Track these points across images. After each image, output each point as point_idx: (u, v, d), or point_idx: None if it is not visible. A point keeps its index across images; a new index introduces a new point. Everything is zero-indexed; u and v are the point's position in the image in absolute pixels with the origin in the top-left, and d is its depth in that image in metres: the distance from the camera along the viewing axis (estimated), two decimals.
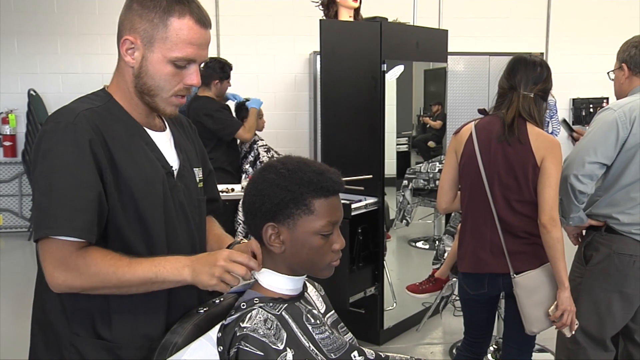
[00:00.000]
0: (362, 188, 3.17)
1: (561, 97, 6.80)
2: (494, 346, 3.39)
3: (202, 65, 1.41)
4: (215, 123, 3.88)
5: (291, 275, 1.33)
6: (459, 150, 2.34)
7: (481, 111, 2.39)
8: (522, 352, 2.39)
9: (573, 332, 2.24)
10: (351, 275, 3.27)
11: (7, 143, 6.44)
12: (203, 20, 1.34)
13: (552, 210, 2.16)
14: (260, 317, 1.23)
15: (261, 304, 1.27)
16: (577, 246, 2.59)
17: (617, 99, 2.50)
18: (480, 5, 6.86)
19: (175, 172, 1.42)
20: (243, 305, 1.27)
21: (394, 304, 3.78)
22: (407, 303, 3.76)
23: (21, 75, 6.45)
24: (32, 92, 6.29)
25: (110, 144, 1.29)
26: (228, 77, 4.16)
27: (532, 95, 2.23)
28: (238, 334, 1.21)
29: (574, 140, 2.83)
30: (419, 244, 5.05)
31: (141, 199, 1.31)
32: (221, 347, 1.21)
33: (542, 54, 6.71)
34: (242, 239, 1.59)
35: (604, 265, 2.39)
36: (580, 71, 6.65)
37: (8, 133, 6.43)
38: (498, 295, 2.48)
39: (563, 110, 6.48)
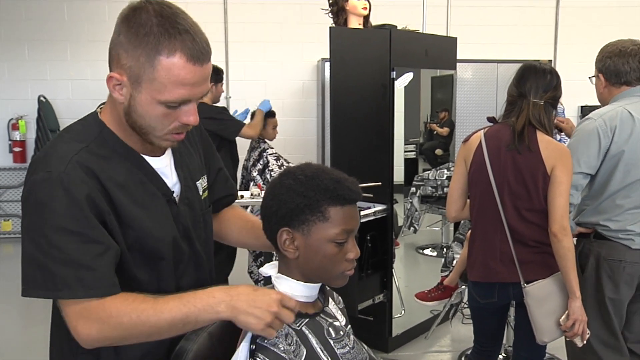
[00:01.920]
0: (371, 195, 3.17)
1: (569, 105, 6.77)
2: (503, 354, 3.38)
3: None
4: (218, 124, 3.92)
5: (305, 282, 1.34)
6: (468, 159, 2.33)
7: (490, 119, 2.38)
8: None
9: (584, 342, 2.23)
10: (360, 282, 3.28)
11: (17, 149, 6.48)
12: (197, 56, 1.16)
13: (563, 219, 2.14)
14: (282, 332, 1.23)
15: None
16: None
17: (601, 105, 2.50)
18: (488, 13, 6.86)
19: (177, 198, 1.35)
20: None
21: (402, 312, 3.77)
22: (415, 310, 3.75)
23: (31, 81, 6.50)
24: (42, 98, 6.34)
25: (108, 187, 1.20)
26: (221, 80, 4.23)
27: (542, 103, 2.22)
28: (258, 341, 1.21)
29: None
30: (427, 251, 5.04)
31: (145, 237, 1.25)
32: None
33: (550, 61, 6.71)
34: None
35: (595, 273, 2.39)
36: (588, 79, 6.66)
37: (18, 139, 6.47)
38: (508, 304, 2.47)
39: (571, 118, 6.44)
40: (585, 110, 6.76)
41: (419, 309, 3.75)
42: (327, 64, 6.05)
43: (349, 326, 1.45)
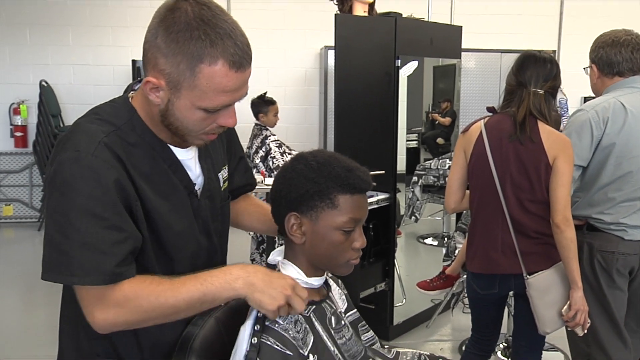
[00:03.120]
0: (374, 184, 3.16)
1: (573, 96, 6.77)
2: (504, 344, 3.40)
3: None
4: None
5: (310, 271, 1.34)
6: (468, 149, 2.31)
7: (490, 109, 2.35)
8: (532, 351, 2.39)
9: (585, 331, 2.24)
10: (362, 270, 3.28)
11: (18, 134, 6.46)
12: (239, 62, 1.13)
13: (566, 210, 2.15)
14: (292, 319, 1.23)
15: None
16: None
17: (595, 95, 2.49)
18: (492, 2, 6.82)
19: (199, 192, 1.34)
20: None
21: (404, 300, 3.79)
22: (416, 299, 3.76)
23: (33, 66, 6.47)
24: (43, 83, 6.32)
25: (134, 175, 1.18)
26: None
27: (542, 93, 2.19)
28: (267, 325, 1.21)
29: None
30: (428, 241, 5.05)
31: (165, 229, 1.25)
32: (255, 339, 1.21)
33: (554, 51, 6.69)
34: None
35: (589, 265, 2.39)
36: (583, 69, 6.63)
37: (19, 124, 6.45)
38: (507, 294, 2.48)
39: (574, 109, 6.44)
40: (588, 101, 6.75)
41: (420, 298, 3.76)
42: (330, 52, 6.05)
43: (354, 310, 1.46)
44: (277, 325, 1.21)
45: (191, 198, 1.32)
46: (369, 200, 3.28)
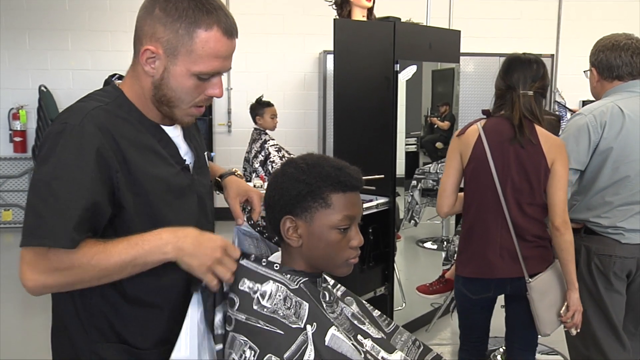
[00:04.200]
0: (373, 188, 3.17)
1: (571, 99, 6.79)
2: (503, 347, 3.39)
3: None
4: None
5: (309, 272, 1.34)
6: (465, 153, 2.29)
7: (485, 112, 2.34)
8: (527, 353, 2.39)
9: (578, 330, 2.26)
10: (361, 274, 3.28)
11: (17, 139, 6.47)
12: (231, 31, 1.25)
13: (564, 213, 2.17)
14: (279, 296, 1.24)
15: (279, 274, 1.28)
16: None
17: (594, 99, 2.49)
18: (491, 6, 6.85)
19: (190, 166, 1.37)
20: (263, 262, 1.29)
21: (403, 304, 3.78)
22: (416, 303, 3.76)
23: (32, 71, 6.48)
24: (42, 88, 6.33)
25: (122, 145, 1.22)
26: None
27: (531, 94, 2.21)
28: (255, 308, 1.23)
29: None
30: (427, 245, 5.04)
31: (156, 199, 1.26)
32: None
33: (552, 55, 6.70)
34: (236, 171, 1.60)
35: (587, 268, 2.39)
36: (583, 72, 6.64)
37: (18, 129, 6.46)
38: (497, 297, 2.43)
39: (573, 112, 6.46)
40: (587, 105, 6.76)
41: (420, 302, 3.76)
42: (329, 56, 6.07)
43: (342, 290, 1.47)
44: (265, 309, 1.23)
45: (184, 172, 1.35)
46: (369, 204, 3.29)
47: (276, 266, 1.30)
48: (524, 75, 2.20)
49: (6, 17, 6.41)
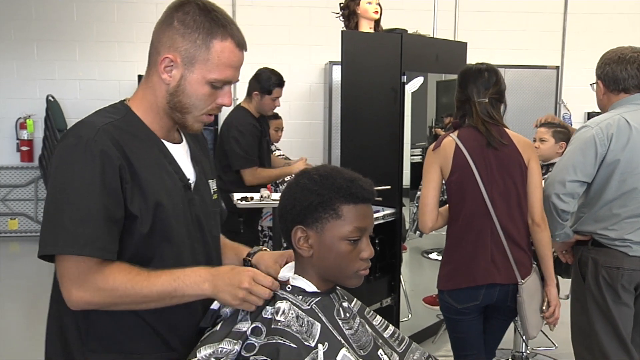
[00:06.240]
0: (380, 199, 3.17)
1: (576, 111, 6.79)
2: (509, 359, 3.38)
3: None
4: (239, 142, 3.57)
5: (321, 282, 1.35)
6: (445, 165, 2.30)
7: (455, 124, 2.39)
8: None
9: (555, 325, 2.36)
10: (368, 285, 3.28)
11: (24, 148, 6.50)
12: (242, 44, 1.36)
13: (542, 209, 2.29)
14: (292, 314, 1.26)
15: (292, 295, 1.30)
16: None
17: (601, 111, 2.50)
18: (496, 18, 6.87)
19: (192, 185, 1.42)
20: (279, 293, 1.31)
21: (409, 315, 3.78)
22: (422, 315, 3.76)
23: (40, 81, 6.52)
24: (50, 97, 6.36)
25: (132, 159, 1.29)
26: (268, 92, 3.67)
27: (487, 100, 2.30)
28: (273, 327, 1.24)
29: None
30: (433, 256, 5.03)
31: (166, 213, 1.31)
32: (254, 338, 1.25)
33: (557, 67, 6.71)
34: (263, 248, 1.60)
35: (594, 280, 2.39)
36: (589, 85, 6.64)
37: (25, 138, 6.49)
38: (483, 307, 2.39)
39: (578, 124, 6.45)
40: (592, 117, 6.75)
41: (426, 313, 3.75)
42: (335, 67, 6.09)
43: (354, 300, 1.47)
44: (280, 324, 1.24)
45: (185, 190, 1.40)
46: (376, 215, 3.29)
47: (288, 287, 1.32)
48: (476, 86, 2.31)
49: (15, 28, 6.46)
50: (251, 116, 3.71)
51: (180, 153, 1.42)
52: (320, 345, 1.23)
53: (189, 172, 1.43)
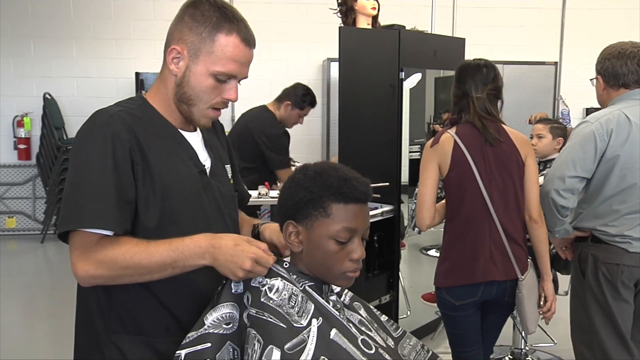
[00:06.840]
0: (379, 196, 3.17)
1: (575, 107, 6.78)
2: (509, 356, 3.38)
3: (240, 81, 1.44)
4: (270, 147, 3.82)
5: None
6: (443, 162, 2.30)
7: (453, 120, 2.39)
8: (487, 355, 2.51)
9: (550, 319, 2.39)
10: (366, 282, 3.28)
11: (21, 146, 6.48)
12: (249, 40, 1.39)
13: (539, 206, 2.31)
14: (285, 294, 1.26)
15: (287, 273, 1.30)
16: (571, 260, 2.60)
17: (601, 107, 2.50)
18: (494, 14, 6.86)
19: (208, 170, 1.45)
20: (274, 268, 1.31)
21: (408, 312, 3.77)
22: (421, 311, 3.75)
23: (37, 78, 6.51)
24: (47, 95, 6.35)
25: (144, 143, 1.33)
26: (300, 107, 3.97)
27: (484, 96, 2.30)
28: (263, 301, 1.24)
29: None
30: (431, 252, 5.03)
31: (174, 197, 1.35)
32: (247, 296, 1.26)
33: (555, 63, 6.71)
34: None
35: (594, 277, 2.38)
36: (589, 80, 6.65)
37: (23, 136, 6.47)
38: (481, 303, 2.40)
39: (576, 120, 6.45)
40: (590, 112, 6.74)
41: (425, 310, 3.75)
42: (333, 64, 6.07)
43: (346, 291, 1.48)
44: (271, 301, 1.24)
45: (201, 175, 1.43)
46: (374, 212, 3.29)
47: (285, 264, 1.32)
48: (474, 81, 2.31)
49: (12, 26, 6.44)
50: (279, 124, 3.96)
51: (195, 140, 1.46)
52: (314, 320, 1.23)
53: (204, 159, 1.47)
